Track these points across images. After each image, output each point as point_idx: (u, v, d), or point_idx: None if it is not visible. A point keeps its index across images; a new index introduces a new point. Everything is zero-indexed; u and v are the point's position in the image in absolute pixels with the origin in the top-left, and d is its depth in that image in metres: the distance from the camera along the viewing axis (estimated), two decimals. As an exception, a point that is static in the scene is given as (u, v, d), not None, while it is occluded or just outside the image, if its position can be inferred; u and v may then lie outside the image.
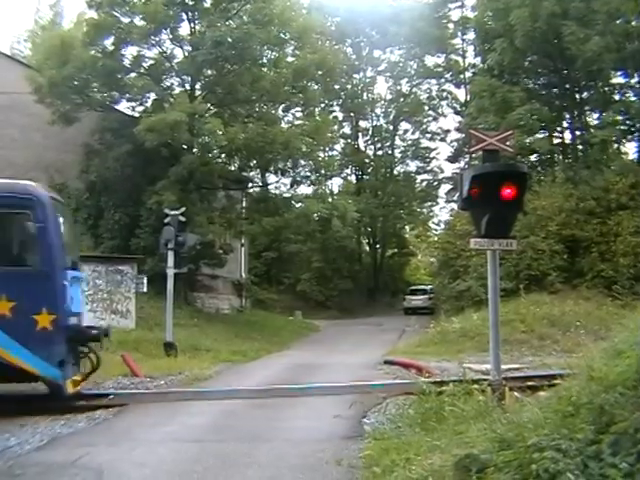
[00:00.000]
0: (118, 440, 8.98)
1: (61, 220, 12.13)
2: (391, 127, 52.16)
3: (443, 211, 54.27)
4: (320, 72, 32.59)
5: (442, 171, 52.54)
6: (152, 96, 30.62)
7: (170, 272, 19.56)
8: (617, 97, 33.21)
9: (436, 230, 54.93)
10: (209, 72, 30.69)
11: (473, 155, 28.23)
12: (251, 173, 36.89)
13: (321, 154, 39.12)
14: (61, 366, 11.28)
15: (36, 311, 11.07)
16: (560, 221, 27.88)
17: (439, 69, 49.27)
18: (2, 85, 27.10)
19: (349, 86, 49.96)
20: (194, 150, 29.27)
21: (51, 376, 11.22)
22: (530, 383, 10.72)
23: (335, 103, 49.00)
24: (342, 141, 50.17)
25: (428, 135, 52.56)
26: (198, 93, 30.73)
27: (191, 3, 30.07)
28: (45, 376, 11.28)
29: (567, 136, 35.52)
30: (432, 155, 52.75)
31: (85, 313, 15.04)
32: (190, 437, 9.07)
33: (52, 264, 11.49)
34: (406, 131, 52.92)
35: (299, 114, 36.94)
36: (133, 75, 29.83)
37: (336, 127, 45.09)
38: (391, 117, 51.94)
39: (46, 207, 11.61)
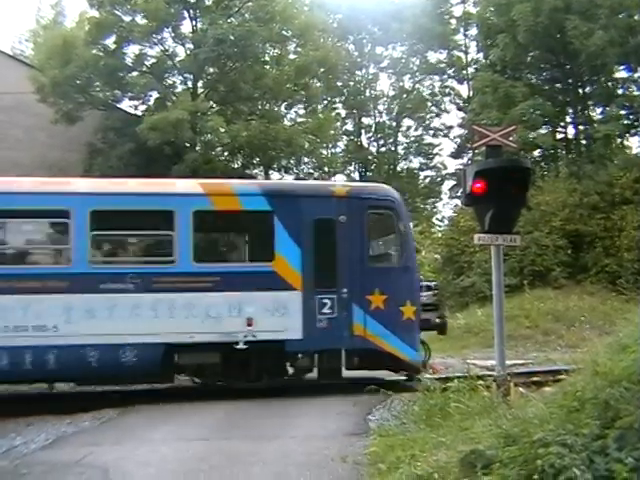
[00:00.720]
0: (123, 439, 8.99)
1: None
2: (394, 123, 51.99)
3: (447, 207, 54.05)
4: (322, 69, 32.56)
5: (445, 167, 52.30)
6: (154, 94, 30.61)
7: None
8: (620, 91, 33.06)
9: (440, 226, 54.68)
10: (211, 70, 30.67)
11: (476, 151, 28.22)
12: (254, 171, 36.81)
13: (324, 151, 39.02)
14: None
15: (402, 303, 12.39)
16: (564, 216, 27.80)
17: (442, 65, 49.07)
18: (5, 85, 27.07)
19: (351, 83, 49.79)
20: (197, 148, 29.26)
21: (416, 362, 12.24)
22: (535, 379, 10.72)
23: (337, 100, 48.81)
24: (345, 138, 49.97)
25: (431, 131, 52.34)
26: (200, 91, 30.72)
27: (192, 1, 30.03)
28: (412, 362, 12.25)
29: (570, 131, 35.36)
30: (435, 151, 52.52)
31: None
32: (194, 435, 9.08)
33: (413, 260, 13.16)
34: (409, 127, 52.74)
35: (302, 111, 36.88)
36: (135, 74, 29.79)
37: (339, 124, 44.93)
38: (394, 113, 51.75)
39: (403, 207, 13.23)
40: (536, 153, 34.48)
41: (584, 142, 33.91)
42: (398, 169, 52.79)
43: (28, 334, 11.16)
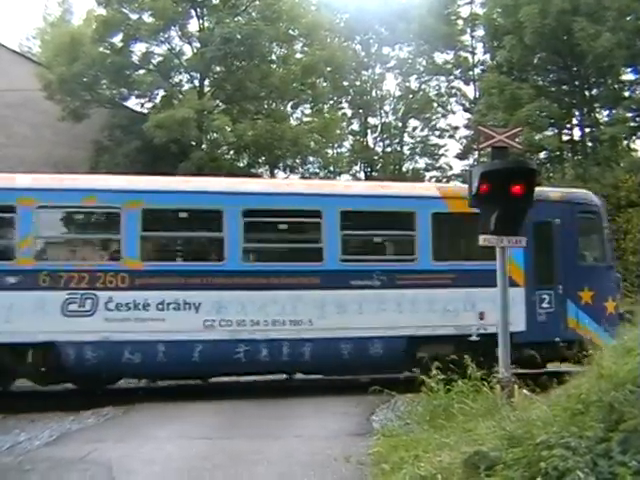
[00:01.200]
0: (127, 436, 9.00)
1: None
2: (400, 124, 51.87)
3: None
4: (329, 69, 32.53)
5: (451, 168, 52.11)
6: (161, 93, 30.63)
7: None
8: (627, 94, 32.96)
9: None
10: (218, 68, 30.67)
11: (482, 152, 28.18)
12: (260, 170, 36.83)
13: (330, 151, 39.02)
14: None
15: (605, 299, 13.58)
16: (569, 218, 27.72)
17: (448, 66, 48.93)
18: (12, 82, 27.15)
19: (358, 83, 49.71)
20: (203, 146, 29.27)
21: None
22: (539, 380, 10.69)
23: (344, 100, 48.73)
24: (351, 138, 49.93)
25: (437, 132, 52.19)
26: (207, 89, 30.71)
27: (200, -1, 30.07)
28: None
29: (576, 133, 35.29)
30: (441, 152, 52.33)
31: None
32: (198, 434, 9.08)
33: (613, 259, 14.55)
34: (415, 128, 52.57)
35: (308, 111, 36.85)
36: (142, 72, 29.79)
37: (345, 124, 44.92)
38: (400, 114, 51.64)
39: (604, 211, 14.60)
40: (542, 155, 34.39)
41: (590, 144, 33.81)
42: (404, 169, 52.66)
43: (285, 328, 11.98)
